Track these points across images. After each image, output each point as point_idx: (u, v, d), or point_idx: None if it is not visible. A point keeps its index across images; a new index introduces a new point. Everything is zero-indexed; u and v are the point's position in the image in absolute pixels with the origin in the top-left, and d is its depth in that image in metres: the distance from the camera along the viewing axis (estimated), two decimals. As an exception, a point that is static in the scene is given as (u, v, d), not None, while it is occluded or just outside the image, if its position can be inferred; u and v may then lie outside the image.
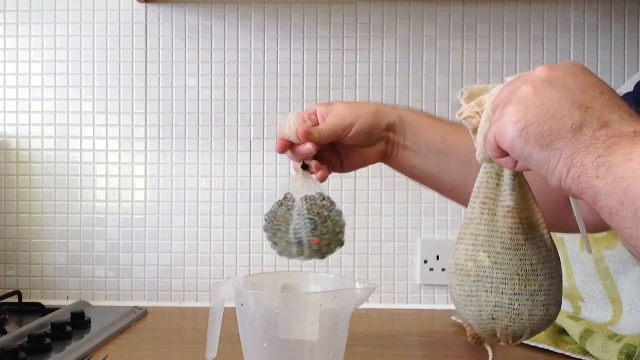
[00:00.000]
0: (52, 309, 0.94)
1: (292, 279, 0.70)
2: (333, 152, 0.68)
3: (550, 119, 0.38)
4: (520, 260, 0.49)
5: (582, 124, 0.37)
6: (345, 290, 0.60)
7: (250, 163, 1.08)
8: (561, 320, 0.81)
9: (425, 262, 1.07)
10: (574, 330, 0.77)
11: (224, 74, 1.09)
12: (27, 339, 0.75)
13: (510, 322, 0.50)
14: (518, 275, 0.49)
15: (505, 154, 0.43)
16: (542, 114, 0.39)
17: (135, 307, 0.99)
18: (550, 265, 0.49)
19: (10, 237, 1.10)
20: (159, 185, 1.09)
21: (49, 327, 0.81)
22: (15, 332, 0.79)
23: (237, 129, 1.09)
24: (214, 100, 1.09)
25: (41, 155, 1.10)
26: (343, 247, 0.70)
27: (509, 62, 1.08)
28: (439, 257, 1.07)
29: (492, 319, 0.51)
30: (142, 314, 0.96)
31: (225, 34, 1.09)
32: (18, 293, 0.99)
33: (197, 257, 1.09)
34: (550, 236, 0.50)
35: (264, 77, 1.09)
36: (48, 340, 0.75)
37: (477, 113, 0.48)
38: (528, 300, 0.49)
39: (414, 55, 1.08)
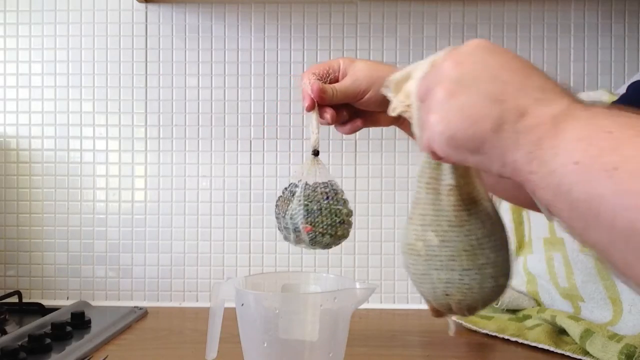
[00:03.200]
0: (52, 309, 0.94)
1: (292, 279, 0.70)
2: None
3: (473, 124, 0.38)
4: (466, 235, 0.49)
5: (501, 121, 0.36)
6: (345, 290, 0.60)
7: (250, 163, 1.08)
8: (561, 320, 0.81)
9: (425, 262, 1.07)
10: (574, 330, 0.77)
11: (224, 74, 1.09)
12: (27, 339, 0.75)
13: (463, 296, 0.51)
14: (465, 250, 0.49)
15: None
16: (463, 119, 0.38)
17: (135, 307, 0.99)
18: (495, 238, 0.49)
19: (10, 237, 1.10)
20: (159, 185, 1.09)
21: (49, 327, 0.81)
22: (15, 332, 0.79)
23: (237, 129, 1.09)
24: (214, 100, 1.09)
25: (41, 155, 1.10)
26: (342, 248, 0.70)
27: (509, 62, 1.08)
28: (439, 257, 1.07)
29: (446, 295, 0.52)
30: (142, 314, 0.96)
31: (225, 34, 1.09)
32: (18, 293, 0.99)
33: (197, 257, 1.09)
34: (495, 208, 0.50)
35: (264, 77, 1.09)
36: (48, 340, 0.75)
37: (408, 106, 0.48)
38: (477, 274, 0.49)
39: (414, 55, 1.08)
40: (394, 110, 0.49)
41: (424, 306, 1.17)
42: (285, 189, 0.68)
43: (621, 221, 0.27)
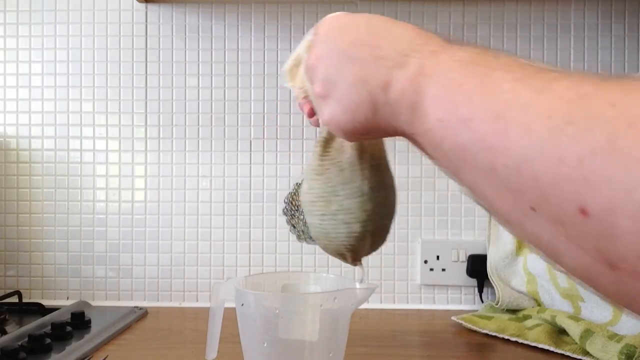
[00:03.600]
0: (52, 309, 0.94)
1: (292, 279, 0.70)
2: None
3: (353, 115, 0.41)
4: (325, 183, 0.53)
5: (374, 101, 0.39)
6: (345, 290, 0.60)
7: (250, 163, 1.08)
8: (561, 320, 0.81)
9: (425, 262, 1.07)
10: (574, 330, 0.77)
11: (224, 74, 1.09)
12: (27, 339, 0.75)
13: (325, 240, 0.55)
14: (322, 197, 0.53)
15: None
16: (344, 113, 0.42)
17: (135, 307, 0.99)
18: (352, 186, 0.52)
19: (10, 237, 1.10)
20: (159, 185, 1.09)
21: (49, 327, 0.81)
22: (15, 332, 0.79)
23: (237, 129, 1.09)
24: (214, 100, 1.09)
25: (41, 155, 1.10)
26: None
27: (509, 62, 1.08)
28: (439, 257, 1.07)
29: (317, 239, 0.56)
30: (142, 314, 0.96)
31: (225, 34, 1.09)
32: (18, 293, 0.99)
33: (197, 257, 1.09)
34: (358, 158, 0.52)
35: (264, 77, 1.09)
36: (48, 340, 0.75)
37: (305, 90, 0.51)
38: (331, 219, 0.53)
39: (414, 55, 1.08)
40: (296, 99, 0.52)
41: (424, 306, 1.18)
42: (297, 184, 0.67)
43: (482, 163, 0.30)
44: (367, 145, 0.53)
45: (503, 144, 0.29)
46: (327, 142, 0.53)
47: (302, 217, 0.65)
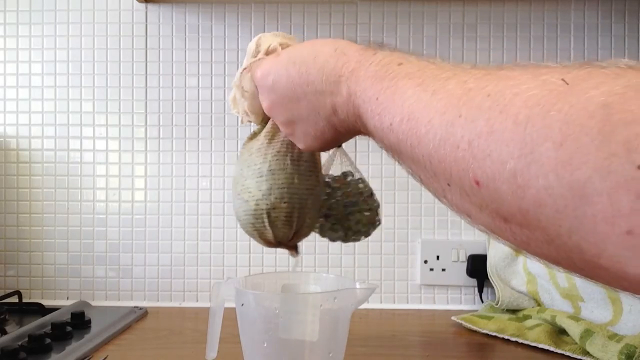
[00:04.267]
0: (52, 309, 0.94)
1: (292, 279, 0.70)
2: None
3: (321, 138, 0.50)
4: (239, 168, 0.58)
5: (332, 124, 0.47)
6: (345, 290, 0.60)
7: (250, 163, 1.08)
8: (561, 320, 0.81)
9: (425, 262, 1.07)
10: (574, 330, 0.77)
11: (224, 74, 1.09)
12: (27, 339, 0.75)
13: (237, 218, 0.60)
14: (235, 179, 0.59)
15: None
16: (313, 139, 0.50)
17: (135, 307, 0.99)
18: (255, 168, 0.57)
19: (10, 237, 1.10)
20: (159, 185, 1.09)
21: (49, 327, 0.81)
22: (15, 332, 0.79)
23: (237, 129, 1.09)
24: (214, 100, 1.09)
25: (41, 155, 1.10)
26: (343, 247, 0.70)
27: (509, 62, 1.08)
28: (439, 257, 1.07)
29: (238, 220, 0.61)
30: (142, 314, 0.96)
31: (225, 34, 1.09)
32: (18, 293, 0.99)
33: (197, 257, 1.09)
34: (266, 145, 0.58)
35: (264, 77, 1.09)
36: (48, 340, 0.75)
37: (248, 117, 0.60)
38: (238, 199, 0.58)
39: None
40: (241, 122, 0.61)
41: (424, 306, 1.18)
42: None
43: (407, 155, 0.38)
44: (282, 135, 0.57)
45: (416, 140, 0.35)
46: (254, 135, 0.59)
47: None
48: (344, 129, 0.47)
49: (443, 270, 1.07)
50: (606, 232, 0.25)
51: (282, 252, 1.07)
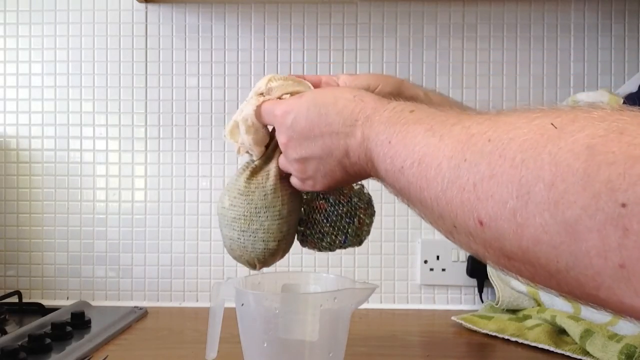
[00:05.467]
0: (52, 309, 0.94)
1: (292, 279, 0.70)
2: None
3: (331, 178, 0.53)
4: (249, 204, 0.61)
5: (343, 166, 0.51)
6: (345, 290, 0.60)
7: (250, 163, 1.08)
8: (561, 320, 0.81)
9: (425, 262, 1.07)
10: (574, 330, 0.77)
11: (224, 74, 1.09)
12: (27, 339, 0.75)
13: (241, 252, 0.63)
14: (244, 216, 0.61)
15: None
16: (323, 177, 0.53)
17: (135, 307, 0.99)
18: (273, 210, 0.61)
19: (10, 237, 1.10)
20: (159, 185, 1.09)
21: (49, 327, 0.81)
22: (15, 332, 0.79)
23: (237, 129, 1.08)
24: (214, 100, 1.09)
25: (41, 155, 1.10)
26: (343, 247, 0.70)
27: (509, 62, 1.08)
28: (439, 257, 1.07)
29: (231, 249, 0.65)
30: (142, 314, 0.96)
31: (225, 34, 1.09)
32: (18, 293, 0.99)
33: (197, 257, 1.09)
34: (280, 186, 0.61)
35: (264, 77, 1.09)
36: (48, 340, 0.75)
37: (246, 149, 0.62)
38: (251, 236, 0.61)
39: (414, 55, 1.08)
40: (237, 152, 0.63)
41: (424, 306, 1.18)
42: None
43: (416, 198, 0.40)
44: (287, 176, 0.61)
45: (425, 182, 0.37)
46: (256, 169, 0.61)
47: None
48: (353, 172, 0.50)
49: (443, 270, 1.07)
50: (601, 266, 0.26)
51: (282, 252, 1.07)
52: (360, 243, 0.67)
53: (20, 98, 1.10)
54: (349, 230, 0.64)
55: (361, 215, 0.65)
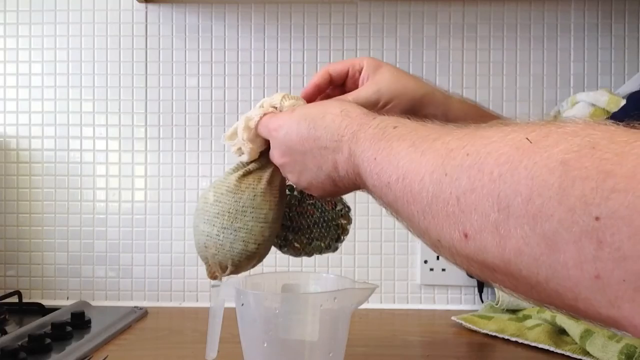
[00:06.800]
0: (52, 309, 0.94)
1: (292, 279, 0.70)
2: None
3: (321, 189, 0.54)
4: (236, 202, 0.60)
5: (332, 179, 0.51)
6: (345, 290, 0.60)
7: (250, 163, 1.08)
8: (561, 320, 0.81)
9: (425, 262, 1.07)
10: (574, 330, 0.77)
11: (224, 74, 1.09)
12: (27, 339, 0.75)
13: (216, 250, 0.62)
14: (229, 212, 0.60)
15: None
16: (315, 188, 0.54)
17: (135, 307, 0.99)
18: (260, 212, 0.60)
19: (10, 237, 1.10)
20: (159, 185, 1.09)
21: (49, 327, 0.81)
22: (15, 332, 0.79)
23: (237, 129, 1.09)
24: (214, 100, 1.09)
25: (41, 155, 1.10)
26: (342, 248, 0.71)
27: (509, 62, 1.08)
28: (439, 257, 1.07)
29: (205, 246, 0.63)
30: (142, 314, 0.96)
31: (225, 34, 1.09)
32: (18, 293, 0.99)
33: (197, 257, 1.08)
34: (270, 192, 0.61)
35: (264, 77, 1.09)
36: (48, 340, 0.75)
37: (240, 150, 0.61)
38: (231, 234, 0.60)
39: (414, 55, 1.08)
40: (234, 153, 0.62)
41: (424, 306, 1.18)
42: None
43: (403, 212, 0.40)
44: (277, 182, 0.62)
45: (411, 197, 0.38)
46: (249, 172, 0.61)
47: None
48: (342, 185, 0.51)
49: (443, 270, 1.07)
50: (578, 277, 0.27)
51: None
52: (336, 249, 0.70)
53: (20, 98, 1.10)
54: (334, 236, 0.68)
55: (343, 222, 0.68)
